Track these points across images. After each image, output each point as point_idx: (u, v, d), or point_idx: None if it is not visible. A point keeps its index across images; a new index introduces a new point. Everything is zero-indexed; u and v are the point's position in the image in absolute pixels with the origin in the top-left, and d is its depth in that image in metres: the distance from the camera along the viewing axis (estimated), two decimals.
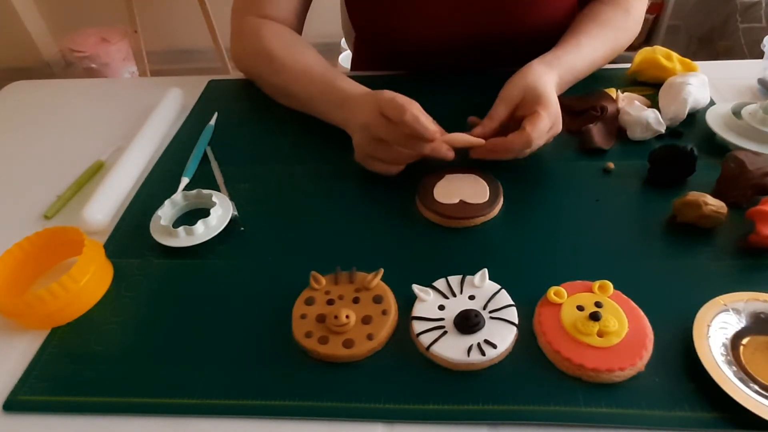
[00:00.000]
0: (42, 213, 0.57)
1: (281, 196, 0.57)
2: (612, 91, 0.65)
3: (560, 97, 0.63)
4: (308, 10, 0.76)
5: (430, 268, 0.46)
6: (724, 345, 0.39)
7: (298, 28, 0.75)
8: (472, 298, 0.43)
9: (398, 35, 0.74)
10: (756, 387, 0.36)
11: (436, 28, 0.71)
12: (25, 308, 0.43)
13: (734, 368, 0.37)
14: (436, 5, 0.69)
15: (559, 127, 0.56)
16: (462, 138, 0.53)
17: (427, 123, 0.50)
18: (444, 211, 0.51)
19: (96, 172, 0.62)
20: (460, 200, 0.52)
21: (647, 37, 2.19)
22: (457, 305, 0.42)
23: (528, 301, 0.43)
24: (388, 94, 0.52)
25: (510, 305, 0.42)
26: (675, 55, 0.68)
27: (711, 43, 1.88)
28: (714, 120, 0.59)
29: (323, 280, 0.45)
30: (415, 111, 0.50)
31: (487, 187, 0.53)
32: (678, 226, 0.49)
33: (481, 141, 0.54)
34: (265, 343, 0.42)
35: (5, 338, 0.45)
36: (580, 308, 0.41)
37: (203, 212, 0.53)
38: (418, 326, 0.41)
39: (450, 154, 0.53)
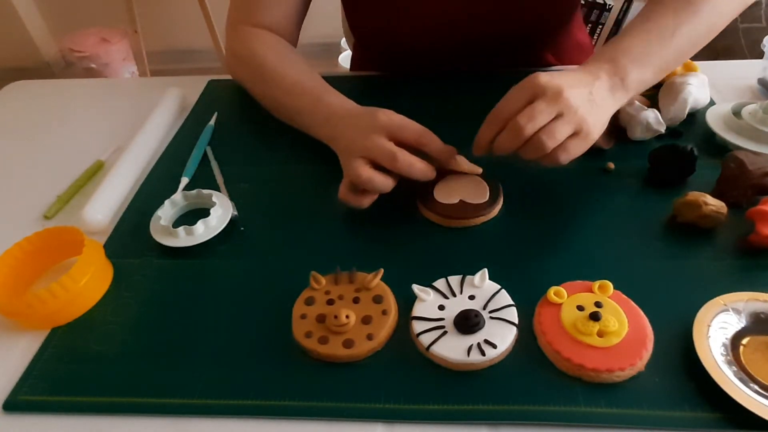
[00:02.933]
0: (42, 213, 0.57)
1: (281, 196, 0.57)
2: None
3: None
4: (305, 16, 0.75)
5: (430, 268, 0.46)
6: (724, 345, 0.39)
7: (294, 34, 0.73)
8: (472, 298, 0.43)
9: (397, 36, 0.74)
10: (756, 387, 0.36)
11: (435, 29, 0.71)
12: (25, 308, 0.43)
13: (734, 368, 0.37)
14: (434, 6, 0.69)
15: (588, 132, 0.46)
16: (464, 164, 0.54)
17: (421, 166, 0.49)
18: (444, 211, 0.51)
19: (96, 172, 0.62)
20: (460, 200, 0.52)
21: None
22: (457, 305, 0.42)
23: (528, 301, 0.43)
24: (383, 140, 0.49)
25: (510, 305, 0.42)
26: None
27: (711, 43, 1.88)
28: (714, 120, 0.59)
29: (323, 280, 0.45)
30: (407, 159, 0.48)
31: (487, 187, 0.53)
32: (678, 226, 0.49)
33: (479, 169, 0.54)
34: (265, 343, 0.42)
35: (5, 338, 0.45)
36: (580, 308, 0.41)
37: (203, 212, 0.53)
38: (418, 326, 0.41)
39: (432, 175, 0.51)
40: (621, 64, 0.49)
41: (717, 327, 0.39)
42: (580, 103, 0.45)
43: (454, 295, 0.44)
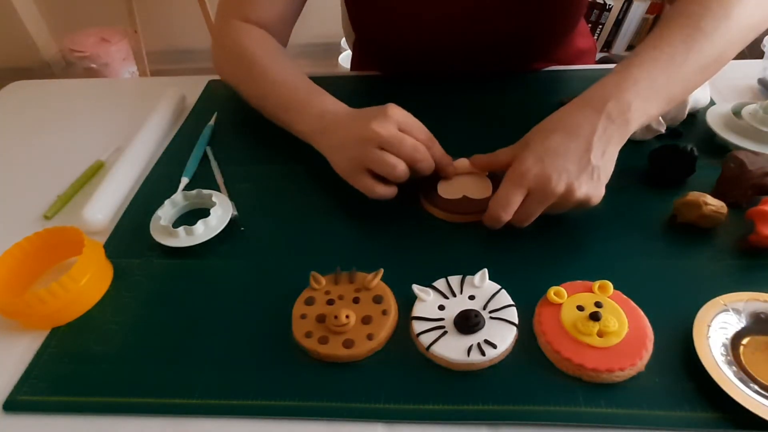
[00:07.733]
0: (42, 213, 0.57)
1: (281, 196, 0.57)
2: None
3: (562, 99, 0.63)
4: (298, 17, 0.73)
5: (430, 267, 0.46)
6: (724, 345, 0.39)
7: (285, 34, 0.71)
8: (472, 298, 0.43)
9: (397, 32, 0.74)
10: (756, 387, 0.36)
11: (436, 25, 0.71)
12: (25, 308, 0.43)
13: (734, 368, 0.37)
14: (437, 6, 0.69)
15: (588, 201, 0.46)
16: (465, 167, 0.55)
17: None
18: (447, 207, 0.51)
19: (96, 172, 0.62)
20: (463, 195, 0.52)
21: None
22: (457, 305, 0.42)
23: (528, 301, 0.43)
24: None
25: (510, 305, 0.42)
26: None
27: None
28: (714, 120, 0.59)
29: (323, 280, 0.45)
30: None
31: (490, 183, 0.54)
32: (678, 226, 0.49)
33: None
34: (265, 343, 0.42)
35: (5, 338, 0.45)
36: (580, 308, 0.41)
37: (203, 212, 0.53)
38: (418, 326, 0.41)
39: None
40: (626, 99, 0.46)
41: (717, 327, 0.39)
42: (571, 184, 0.45)
43: (454, 295, 0.44)
